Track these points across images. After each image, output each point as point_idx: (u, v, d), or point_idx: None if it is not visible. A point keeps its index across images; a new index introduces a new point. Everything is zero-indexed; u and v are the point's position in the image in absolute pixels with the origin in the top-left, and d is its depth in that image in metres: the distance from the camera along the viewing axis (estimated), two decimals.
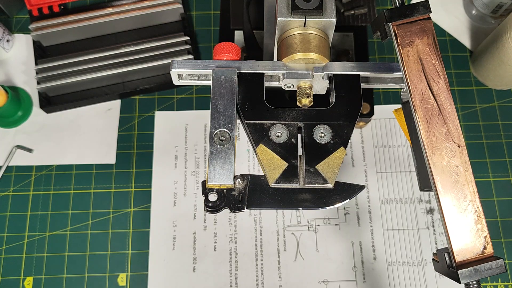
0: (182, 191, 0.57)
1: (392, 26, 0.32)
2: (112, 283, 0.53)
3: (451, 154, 0.30)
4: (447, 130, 0.30)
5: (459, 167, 0.30)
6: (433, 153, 0.30)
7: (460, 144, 0.30)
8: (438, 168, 0.30)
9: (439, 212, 0.30)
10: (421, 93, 0.31)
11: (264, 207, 0.34)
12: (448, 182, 0.30)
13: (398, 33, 0.32)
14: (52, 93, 0.60)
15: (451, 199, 0.30)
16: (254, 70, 0.36)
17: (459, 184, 0.30)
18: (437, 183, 0.30)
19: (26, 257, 0.54)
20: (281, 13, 0.35)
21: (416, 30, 0.33)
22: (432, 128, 0.30)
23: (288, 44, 0.36)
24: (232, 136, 0.33)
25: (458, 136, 0.30)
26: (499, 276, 0.53)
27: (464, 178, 0.30)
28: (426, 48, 0.32)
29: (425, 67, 0.32)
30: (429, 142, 0.30)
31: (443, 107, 0.31)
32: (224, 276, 0.53)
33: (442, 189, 0.30)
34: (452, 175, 0.30)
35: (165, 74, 0.60)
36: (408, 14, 0.33)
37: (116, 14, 0.60)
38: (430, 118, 0.31)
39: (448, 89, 0.31)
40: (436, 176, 0.30)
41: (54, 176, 0.57)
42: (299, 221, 0.55)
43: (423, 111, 0.31)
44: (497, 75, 0.58)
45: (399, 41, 0.32)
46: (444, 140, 0.30)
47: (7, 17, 0.64)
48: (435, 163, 0.30)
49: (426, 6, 0.32)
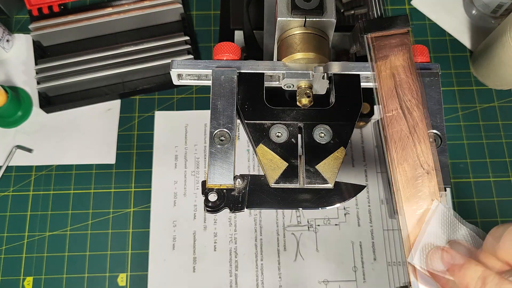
0: (182, 191, 0.56)
1: (367, 37, 0.31)
2: (112, 283, 0.53)
3: (419, 179, 0.27)
4: (417, 153, 0.28)
5: (427, 194, 0.27)
6: (399, 177, 0.27)
7: (429, 169, 0.27)
8: (403, 197, 0.27)
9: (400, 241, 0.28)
10: (391, 111, 0.29)
11: (264, 207, 0.34)
12: (413, 211, 0.27)
13: (373, 45, 0.30)
14: (52, 93, 0.59)
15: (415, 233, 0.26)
16: (254, 70, 0.36)
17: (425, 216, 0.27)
18: (400, 211, 0.27)
19: (26, 257, 0.54)
20: (281, 13, 0.35)
21: (392, 44, 0.31)
22: (401, 150, 0.28)
23: (288, 44, 0.36)
24: (232, 136, 0.33)
25: (428, 159, 0.27)
26: None
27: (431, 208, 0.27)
28: (401, 64, 0.30)
29: (399, 83, 0.30)
30: (396, 164, 0.27)
31: (414, 128, 0.28)
32: (224, 276, 0.53)
33: (406, 219, 0.27)
34: (418, 203, 0.27)
35: (165, 74, 0.60)
36: (386, 27, 0.31)
37: (116, 14, 0.60)
38: (400, 138, 0.28)
39: (422, 108, 0.29)
40: (401, 204, 0.27)
41: (54, 176, 0.57)
42: (299, 221, 0.55)
43: (393, 130, 0.28)
44: (497, 75, 0.58)
45: (373, 54, 0.30)
46: (412, 164, 0.27)
47: (7, 17, 0.64)
48: (400, 189, 0.27)
49: (405, 21, 0.31)
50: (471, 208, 0.56)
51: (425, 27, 0.64)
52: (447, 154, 0.32)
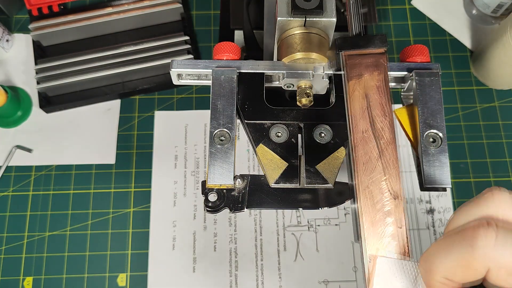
0: (182, 191, 0.56)
1: (342, 55, 0.30)
2: (111, 284, 0.53)
3: (385, 207, 0.26)
4: (385, 178, 0.27)
5: (392, 222, 0.26)
6: (364, 202, 0.26)
7: (396, 195, 0.26)
8: (367, 222, 0.26)
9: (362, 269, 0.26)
10: (361, 132, 0.28)
11: (264, 207, 0.34)
12: (376, 238, 0.26)
13: (347, 63, 0.29)
14: (51, 93, 0.59)
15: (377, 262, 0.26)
16: (254, 70, 0.36)
17: (390, 243, 0.26)
18: (363, 237, 0.26)
19: (25, 257, 0.54)
20: (281, 13, 0.35)
21: (367, 63, 0.30)
22: (368, 174, 0.27)
23: (288, 43, 0.36)
24: (232, 136, 0.33)
25: (396, 186, 0.26)
26: None
27: (396, 236, 0.26)
28: (375, 84, 0.29)
29: (371, 105, 0.29)
30: (362, 189, 0.26)
31: (384, 152, 0.27)
32: (224, 276, 0.53)
33: (368, 249, 0.26)
34: (383, 230, 0.26)
35: (165, 74, 0.60)
36: (362, 45, 0.30)
37: (115, 14, 0.60)
38: (368, 161, 0.27)
39: (392, 132, 0.28)
40: (364, 229, 0.26)
41: (53, 176, 0.57)
42: (299, 221, 0.55)
43: (361, 152, 0.27)
44: (498, 75, 0.58)
45: (347, 72, 0.29)
46: (379, 190, 0.26)
47: (6, 17, 0.64)
48: (365, 215, 0.26)
49: (383, 41, 0.30)
50: None
51: (425, 27, 0.64)
52: (447, 154, 0.32)
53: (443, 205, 0.56)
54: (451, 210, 0.56)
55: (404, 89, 0.37)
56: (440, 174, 0.32)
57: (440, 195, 0.56)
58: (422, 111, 0.34)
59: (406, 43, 0.63)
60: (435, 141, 0.33)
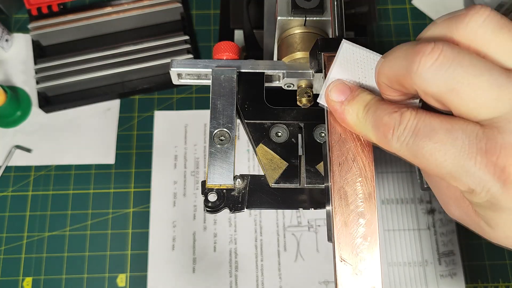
0: (182, 191, 0.56)
1: (323, 55, 0.30)
2: (111, 284, 0.53)
3: (359, 208, 0.26)
4: (360, 180, 0.27)
5: (364, 223, 0.26)
6: (338, 203, 0.26)
7: (370, 197, 0.26)
8: (340, 222, 0.26)
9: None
10: (338, 134, 0.27)
11: (264, 207, 0.34)
12: (349, 239, 0.26)
13: (327, 64, 0.29)
14: (51, 93, 0.59)
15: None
16: (254, 69, 0.36)
17: (361, 255, 0.26)
18: (335, 238, 0.26)
19: (25, 257, 0.54)
20: (281, 12, 0.35)
21: None
22: (344, 175, 0.27)
23: (288, 43, 0.36)
24: (232, 136, 0.33)
25: (370, 188, 0.27)
26: (500, 277, 0.53)
27: (368, 237, 0.26)
28: None
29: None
30: (337, 189, 0.26)
31: (360, 154, 0.27)
32: (224, 276, 0.53)
33: (339, 250, 0.26)
34: (356, 231, 0.26)
35: (165, 73, 0.60)
36: None
37: (115, 14, 0.60)
38: (344, 162, 0.27)
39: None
40: (338, 229, 0.26)
41: (53, 176, 0.57)
42: (299, 221, 0.55)
43: (338, 153, 0.27)
44: None
45: (326, 73, 0.28)
46: (353, 191, 0.26)
47: (6, 17, 0.64)
48: (338, 216, 0.26)
49: (364, 44, 0.29)
50: None
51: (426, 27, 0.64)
52: None
53: None
54: None
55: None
56: None
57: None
58: None
59: None
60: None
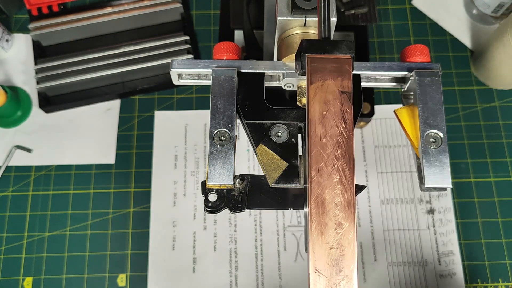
0: (182, 191, 0.56)
1: (307, 57, 0.29)
2: (111, 284, 0.53)
3: (337, 216, 0.26)
4: (339, 186, 0.26)
5: (342, 233, 0.25)
6: (315, 210, 0.25)
7: (349, 205, 0.26)
8: (316, 231, 0.25)
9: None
10: (319, 138, 0.27)
11: (264, 207, 0.34)
12: (324, 249, 0.25)
13: (310, 66, 0.29)
14: (51, 93, 0.59)
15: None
16: (254, 69, 0.36)
17: (337, 266, 0.25)
18: (310, 247, 0.25)
19: (25, 257, 0.54)
20: (281, 13, 0.35)
21: (331, 68, 0.29)
22: (323, 181, 0.26)
23: (288, 43, 0.36)
24: (232, 136, 0.33)
25: (349, 196, 0.26)
26: (500, 277, 0.53)
27: (344, 247, 0.25)
28: (337, 90, 0.28)
29: (331, 110, 0.28)
30: (314, 196, 0.26)
31: (340, 159, 0.27)
32: (224, 276, 0.53)
33: (316, 252, 0.25)
34: (332, 240, 0.25)
35: (165, 73, 0.60)
36: (328, 49, 0.29)
37: (115, 14, 0.60)
38: (322, 168, 0.26)
39: (351, 140, 0.27)
40: (313, 238, 0.25)
41: (53, 176, 0.57)
42: (299, 221, 0.55)
43: (316, 158, 0.26)
44: (498, 75, 0.58)
45: (309, 75, 0.28)
46: (331, 198, 0.26)
47: (6, 17, 0.64)
48: (314, 224, 0.25)
49: (350, 47, 0.29)
50: (471, 208, 0.56)
51: (426, 27, 0.64)
52: (448, 154, 0.32)
53: (443, 205, 0.56)
54: (451, 210, 0.56)
55: (404, 89, 0.37)
56: (440, 174, 0.32)
57: (440, 195, 0.56)
58: (423, 111, 0.33)
59: (406, 43, 0.63)
60: (436, 141, 0.33)
